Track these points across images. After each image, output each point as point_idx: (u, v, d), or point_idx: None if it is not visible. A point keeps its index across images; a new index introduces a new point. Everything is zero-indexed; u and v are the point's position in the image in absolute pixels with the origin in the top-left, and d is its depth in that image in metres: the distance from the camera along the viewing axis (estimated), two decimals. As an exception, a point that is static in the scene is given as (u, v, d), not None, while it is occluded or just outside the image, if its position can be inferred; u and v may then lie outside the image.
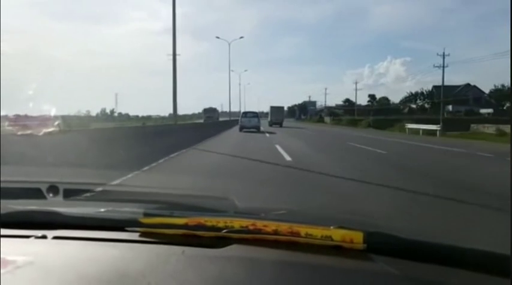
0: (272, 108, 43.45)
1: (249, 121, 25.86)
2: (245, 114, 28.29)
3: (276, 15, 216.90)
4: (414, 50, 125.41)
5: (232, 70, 55.12)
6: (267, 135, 21.47)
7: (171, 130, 15.03)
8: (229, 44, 48.14)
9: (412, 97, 64.86)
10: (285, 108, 68.40)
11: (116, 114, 79.89)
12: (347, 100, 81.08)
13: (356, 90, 70.41)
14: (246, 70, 76.72)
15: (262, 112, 69.02)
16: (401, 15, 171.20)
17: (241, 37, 60.32)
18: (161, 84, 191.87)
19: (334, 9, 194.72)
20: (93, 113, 70.59)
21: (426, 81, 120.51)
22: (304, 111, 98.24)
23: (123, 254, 0.88)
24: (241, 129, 25.31)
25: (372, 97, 74.10)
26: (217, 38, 49.28)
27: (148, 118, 76.78)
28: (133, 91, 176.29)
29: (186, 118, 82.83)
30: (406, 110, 61.03)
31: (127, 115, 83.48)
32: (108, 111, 79.27)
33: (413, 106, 63.09)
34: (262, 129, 26.80)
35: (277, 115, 41.42)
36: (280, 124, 39.14)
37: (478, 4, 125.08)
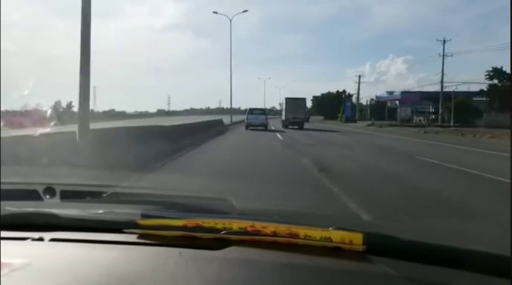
0: (288, 100, 27.75)
1: (255, 119, 22.96)
2: (251, 110, 24.18)
3: (277, 12, 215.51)
4: (416, 48, 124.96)
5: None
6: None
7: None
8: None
9: None
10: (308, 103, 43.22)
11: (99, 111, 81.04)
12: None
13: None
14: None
15: (267, 109, 57.60)
16: (404, 14, 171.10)
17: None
18: (159, 82, 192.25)
19: (336, 7, 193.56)
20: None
21: (428, 79, 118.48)
22: (352, 107, 51.82)
23: (120, 256, 0.87)
24: (247, 126, 22.41)
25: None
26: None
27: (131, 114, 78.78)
28: (131, 88, 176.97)
29: (177, 114, 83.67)
30: None
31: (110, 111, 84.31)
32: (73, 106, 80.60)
33: None
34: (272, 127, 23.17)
35: (296, 111, 26.70)
36: (300, 126, 25.70)
37: (480, 2, 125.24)
